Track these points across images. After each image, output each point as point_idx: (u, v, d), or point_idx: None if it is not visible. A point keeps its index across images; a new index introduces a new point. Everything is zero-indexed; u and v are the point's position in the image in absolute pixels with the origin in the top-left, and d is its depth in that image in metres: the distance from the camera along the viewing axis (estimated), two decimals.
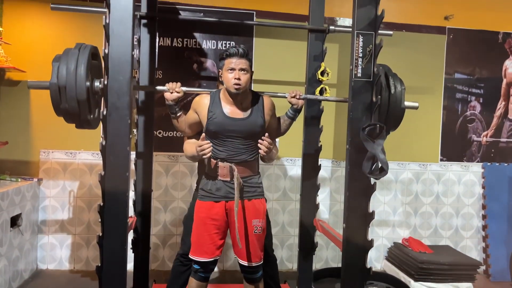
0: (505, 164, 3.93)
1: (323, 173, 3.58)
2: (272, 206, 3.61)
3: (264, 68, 3.53)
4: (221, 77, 2.11)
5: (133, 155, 2.46)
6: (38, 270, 3.37)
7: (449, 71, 3.85)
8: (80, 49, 1.90)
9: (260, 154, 2.11)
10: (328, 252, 3.75)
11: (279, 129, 2.33)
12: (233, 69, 2.03)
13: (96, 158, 3.39)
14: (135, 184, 2.62)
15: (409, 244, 3.57)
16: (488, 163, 3.91)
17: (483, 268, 3.78)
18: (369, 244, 2.02)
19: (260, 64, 3.51)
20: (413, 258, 3.34)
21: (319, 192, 2.81)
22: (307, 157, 2.75)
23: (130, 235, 2.40)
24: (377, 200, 3.76)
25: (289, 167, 3.65)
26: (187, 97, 3.15)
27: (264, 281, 2.34)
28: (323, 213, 3.69)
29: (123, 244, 1.86)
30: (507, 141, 3.97)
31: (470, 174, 3.91)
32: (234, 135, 2.08)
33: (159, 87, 2.21)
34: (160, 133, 3.45)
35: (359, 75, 2.01)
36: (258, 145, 2.05)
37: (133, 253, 2.62)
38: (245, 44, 3.48)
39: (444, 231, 3.89)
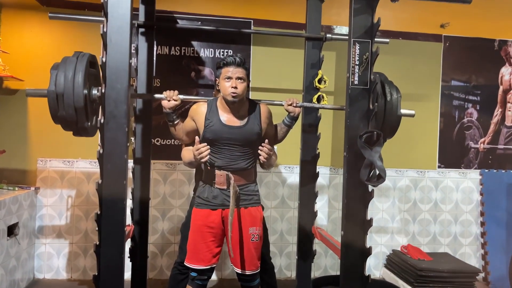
0: (503, 170, 3.94)
1: (321, 181, 3.58)
2: (270, 214, 3.60)
3: (262, 76, 3.55)
4: (218, 85, 2.13)
5: (130, 163, 2.47)
6: (35, 279, 3.34)
7: (445, 78, 3.87)
8: (78, 58, 1.92)
9: (260, 160, 2.12)
10: (326, 260, 3.74)
11: (276, 136, 2.34)
12: (230, 78, 2.05)
13: (93, 166, 3.39)
14: (132, 193, 2.60)
15: (408, 252, 3.56)
16: (486, 170, 3.92)
17: (482, 275, 3.76)
18: (368, 252, 2.01)
19: (257, 72, 3.53)
20: (412, 266, 3.33)
21: (317, 199, 2.80)
22: (305, 165, 2.76)
23: (128, 243, 2.39)
24: (375, 207, 3.75)
25: (287, 174, 3.64)
26: (184, 105, 3.16)
27: None
28: (321, 221, 3.69)
29: (120, 252, 1.85)
30: (505, 148, 3.98)
31: (468, 181, 3.91)
32: (231, 143, 2.09)
33: (156, 95, 2.23)
34: (158, 141, 3.45)
35: (356, 82, 2.02)
36: (258, 151, 2.07)
37: (131, 262, 2.60)
38: (242, 52, 3.49)
39: (442, 238, 3.88)
